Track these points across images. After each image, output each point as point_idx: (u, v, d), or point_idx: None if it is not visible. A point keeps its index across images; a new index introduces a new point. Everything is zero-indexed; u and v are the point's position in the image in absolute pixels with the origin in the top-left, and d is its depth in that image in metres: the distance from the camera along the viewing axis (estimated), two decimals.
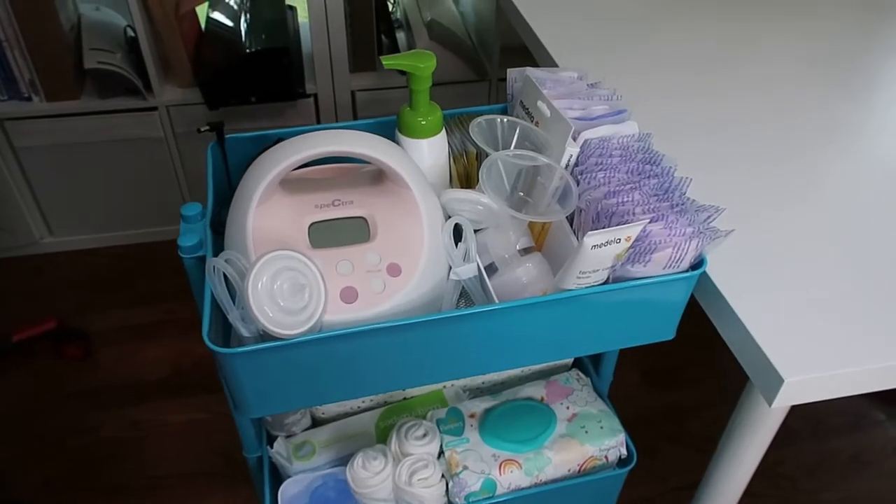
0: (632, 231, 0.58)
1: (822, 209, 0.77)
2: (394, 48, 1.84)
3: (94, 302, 1.73)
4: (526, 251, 0.72)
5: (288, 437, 0.88)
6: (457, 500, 0.81)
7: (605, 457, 0.86)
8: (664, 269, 0.62)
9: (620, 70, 1.01)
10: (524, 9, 1.16)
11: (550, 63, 1.04)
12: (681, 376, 1.60)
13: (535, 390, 0.91)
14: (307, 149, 0.59)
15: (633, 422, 0.92)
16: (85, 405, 1.51)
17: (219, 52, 1.65)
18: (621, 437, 0.87)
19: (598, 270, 0.60)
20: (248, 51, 1.60)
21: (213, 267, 0.57)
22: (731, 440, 0.75)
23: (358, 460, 0.80)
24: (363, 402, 0.90)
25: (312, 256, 0.58)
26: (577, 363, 0.97)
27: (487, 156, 0.67)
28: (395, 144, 0.66)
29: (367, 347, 0.59)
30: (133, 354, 1.63)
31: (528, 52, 1.14)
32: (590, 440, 0.85)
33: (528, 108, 0.76)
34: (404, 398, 0.93)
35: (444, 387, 0.93)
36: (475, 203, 0.67)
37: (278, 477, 0.87)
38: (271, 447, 0.86)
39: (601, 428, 0.87)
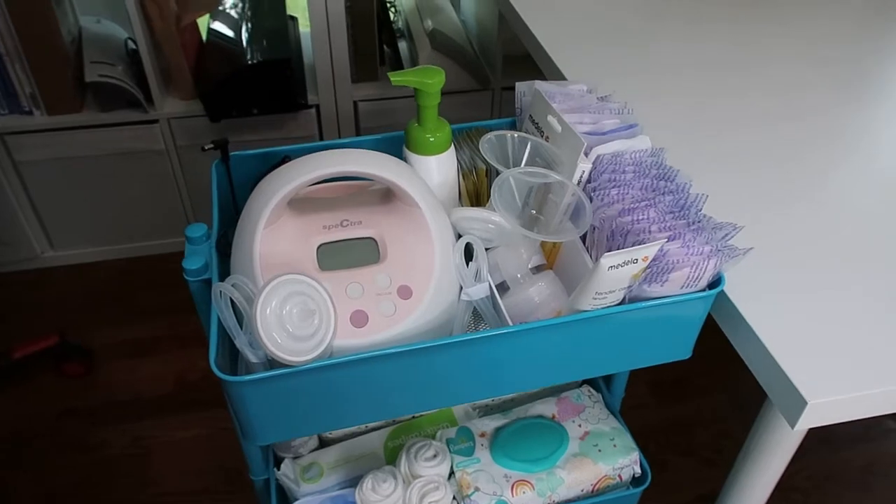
0: (649, 251, 0.57)
1: (842, 220, 0.76)
2: (396, 58, 1.83)
3: (95, 317, 1.72)
4: (537, 269, 0.70)
5: (295, 458, 0.87)
6: None
7: (619, 476, 0.85)
8: (681, 288, 0.61)
9: (625, 74, 1.00)
10: (526, 16, 1.15)
11: (554, 70, 1.02)
12: (688, 388, 1.58)
13: (546, 408, 0.89)
14: (314, 170, 0.58)
15: (641, 434, 0.91)
16: (86, 422, 1.50)
17: (220, 63, 1.64)
18: (635, 455, 0.85)
19: (614, 291, 0.59)
20: (249, 62, 1.59)
21: (220, 292, 0.56)
22: (748, 460, 0.74)
23: (367, 483, 0.78)
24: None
25: (321, 279, 0.57)
26: (588, 379, 0.96)
27: (498, 172, 0.66)
28: (403, 163, 0.65)
29: (378, 372, 0.57)
30: (134, 370, 1.61)
31: (531, 60, 1.13)
32: (603, 459, 0.83)
33: (537, 123, 0.74)
34: (413, 416, 0.91)
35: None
36: (486, 221, 0.65)
37: (286, 499, 0.86)
38: (278, 469, 0.84)
39: (614, 446, 0.85)
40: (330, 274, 0.59)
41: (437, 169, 0.70)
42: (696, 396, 1.56)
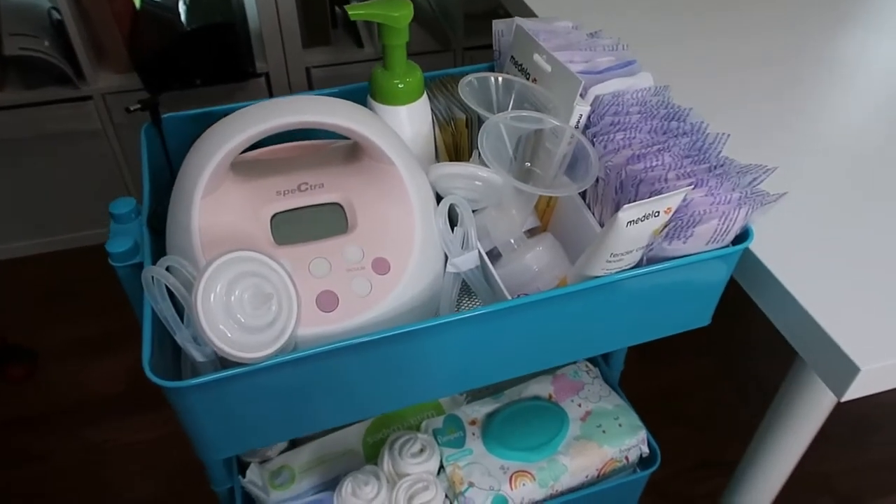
0: (671, 201, 0.48)
1: (872, 158, 0.67)
2: (348, 21, 1.70)
3: (37, 315, 1.58)
4: (531, 233, 0.61)
5: (262, 462, 0.76)
6: None
7: (626, 458, 0.76)
8: (707, 244, 0.52)
9: (608, 13, 0.90)
10: None
11: (526, 13, 0.92)
12: (668, 356, 1.52)
13: (542, 387, 0.80)
14: (262, 121, 0.47)
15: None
16: (32, 431, 1.37)
17: (156, 31, 1.50)
18: (642, 434, 0.77)
19: (631, 252, 0.49)
20: (189, 28, 1.45)
21: (152, 278, 0.45)
22: (772, 433, 0.66)
23: (346, 486, 0.68)
24: None
25: (278, 256, 0.47)
26: None
27: (481, 121, 0.56)
28: (371, 112, 0.54)
29: (354, 365, 0.47)
30: (84, 370, 1.49)
31: (495, 16, 1.02)
32: (608, 441, 0.75)
33: (521, 65, 0.64)
34: None
35: None
36: (472, 178, 0.55)
37: None
38: (243, 476, 0.74)
39: (619, 426, 0.77)
40: (288, 249, 0.49)
41: (409, 121, 0.60)
42: (680, 362, 1.50)
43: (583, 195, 0.61)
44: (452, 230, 0.55)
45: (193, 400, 0.45)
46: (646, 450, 0.77)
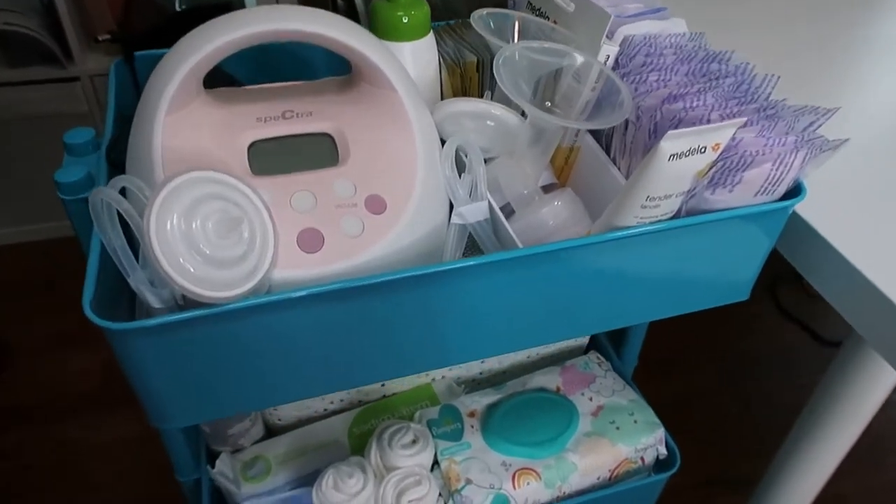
0: (721, 135, 0.41)
1: None
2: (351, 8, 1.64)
3: (11, 307, 1.50)
4: (547, 190, 0.54)
5: (234, 452, 0.68)
6: None
7: (641, 458, 0.68)
8: (755, 196, 0.44)
9: None
10: None
11: None
12: (670, 367, 1.44)
13: (549, 379, 0.73)
14: (239, 27, 0.40)
15: None
16: (2, 427, 1.28)
17: (150, 10, 1.43)
18: (660, 433, 0.69)
19: (669, 197, 0.42)
20: (182, 7, 1.39)
21: (102, 201, 0.38)
22: (799, 452, 0.59)
23: (328, 478, 0.60)
24: (331, 401, 0.71)
25: (254, 187, 0.39)
26: (594, 345, 0.79)
27: (495, 57, 0.49)
28: (372, 35, 0.47)
29: (339, 316, 0.40)
30: (58, 365, 1.41)
31: None
32: (623, 438, 0.67)
33: (539, 9, 0.57)
34: (383, 396, 0.73)
35: (433, 380, 0.74)
36: (484, 116, 0.48)
37: (225, 501, 0.67)
38: (213, 467, 0.66)
39: (635, 422, 0.69)
40: (267, 180, 0.41)
41: (413, 60, 0.53)
42: (682, 374, 1.43)
43: (607, 149, 0.54)
44: (459, 177, 0.47)
45: (142, 349, 0.37)
46: (663, 451, 0.69)
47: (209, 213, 0.36)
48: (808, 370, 1.50)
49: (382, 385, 0.72)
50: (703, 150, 0.40)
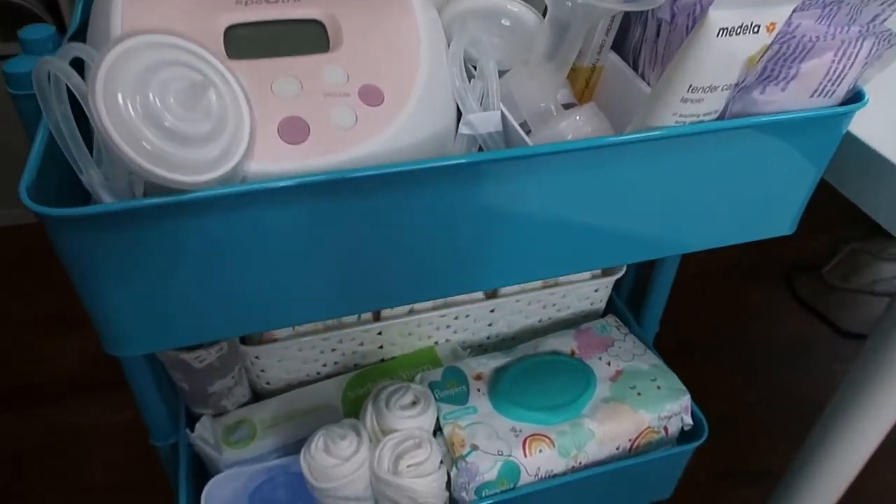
0: (777, 14, 0.35)
1: None
2: None
3: None
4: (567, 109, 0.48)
5: (217, 416, 0.62)
6: (463, 493, 0.56)
7: (665, 428, 0.62)
8: (812, 97, 0.38)
9: None
10: None
11: None
12: (682, 354, 1.38)
13: (562, 342, 0.66)
14: None
15: None
16: None
17: None
18: (686, 400, 0.63)
19: (716, 90, 0.36)
20: None
21: (48, 73, 0.32)
22: (829, 444, 0.54)
23: (317, 441, 0.54)
24: (324, 364, 0.65)
25: (230, 70, 0.33)
26: (611, 310, 0.73)
27: None
28: None
29: (327, 220, 0.34)
30: (45, 349, 1.35)
31: None
32: (645, 405, 0.61)
33: None
34: (381, 359, 0.67)
35: (436, 343, 0.68)
36: (498, 15, 0.42)
37: (204, 472, 0.61)
38: (192, 431, 0.60)
39: (658, 388, 0.62)
40: (245, 63, 0.35)
41: None
42: (695, 363, 1.36)
43: (634, 65, 0.48)
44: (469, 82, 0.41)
45: (88, 246, 0.31)
46: (689, 420, 0.63)
47: (168, 81, 0.30)
48: (825, 361, 1.43)
49: (380, 347, 0.66)
50: (756, 28, 0.34)
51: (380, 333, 0.64)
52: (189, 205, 0.31)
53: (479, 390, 0.61)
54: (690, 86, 0.35)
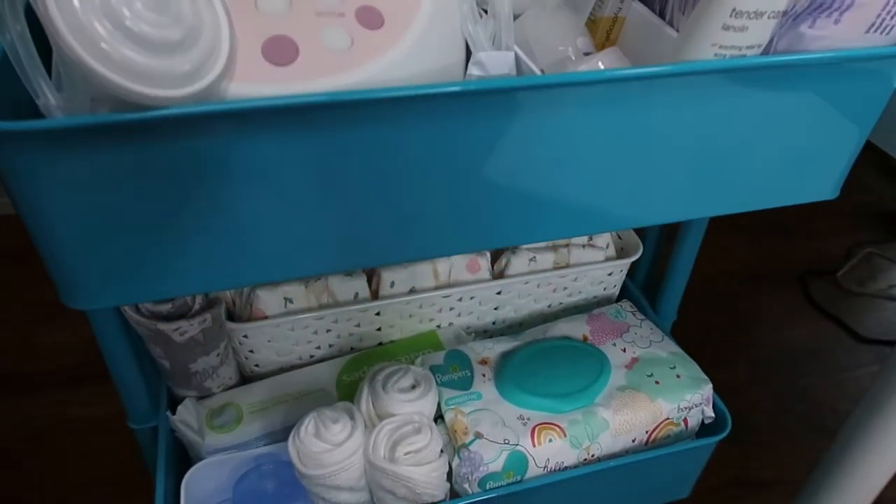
0: None
1: None
2: None
3: None
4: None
5: (201, 398, 0.58)
6: (466, 485, 0.51)
7: (684, 420, 0.57)
8: (867, 31, 0.34)
9: None
10: None
11: None
12: (708, 357, 1.33)
13: (574, 327, 0.62)
14: None
15: None
16: None
17: None
18: (708, 389, 0.58)
19: (761, 16, 0.32)
20: None
21: None
22: (855, 451, 0.49)
23: (308, 425, 0.50)
24: (318, 346, 0.60)
25: None
26: (624, 296, 0.68)
27: None
28: None
29: (317, 153, 0.29)
30: (33, 339, 1.30)
31: None
32: (663, 394, 0.56)
33: None
34: (380, 343, 0.63)
35: (439, 326, 0.64)
36: None
37: (186, 459, 0.57)
38: (174, 414, 0.55)
39: (677, 377, 0.58)
40: None
41: None
42: (708, 367, 1.31)
43: (661, 14, 0.43)
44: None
45: (40, 169, 0.27)
46: (710, 412, 0.58)
47: None
48: (844, 367, 1.38)
49: (379, 329, 0.61)
50: None
51: (378, 314, 0.60)
52: (152, 124, 0.26)
53: (483, 375, 0.57)
54: (734, 9, 0.31)
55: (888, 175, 1.68)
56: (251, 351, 0.58)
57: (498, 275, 0.62)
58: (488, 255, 0.62)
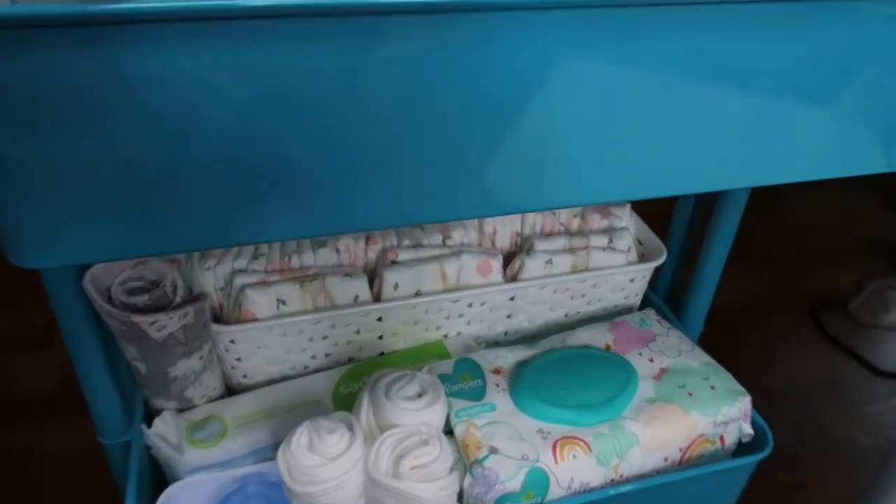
0: None
1: None
2: None
3: None
4: None
5: (181, 411, 0.52)
6: None
7: (721, 437, 0.51)
8: None
9: None
10: None
11: None
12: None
13: (596, 335, 0.56)
14: None
15: None
16: None
17: None
18: (747, 402, 0.52)
19: None
20: None
21: None
22: None
23: (300, 436, 0.44)
24: (313, 356, 0.54)
25: None
26: (647, 306, 0.63)
27: None
28: None
29: (293, 69, 0.25)
30: (12, 365, 1.24)
31: None
32: (698, 406, 0.50)
33: None
34: (381, 353, 0.57)
35: (446, 336, 0.58)
36: None
37: (161, 478, 0.50)
38: (150, 427, 0.49)
39: (711, 388, 0.52)
40: None
41: None
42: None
43: None
44: None
45: None
46: (749, 429, 0.52)
47: None
48: (861, 400, 1.32)
49: (380, 338, 0.56)
50: None
51: (380, 319, 0.54)
52: (99, 17, 0.21)
53: (497, 385, 0.51)
54: None
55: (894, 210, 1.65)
56: (238, 359, 0.52)
57: (511, 278, 0.57)
58: (500, 256, 0.57)
